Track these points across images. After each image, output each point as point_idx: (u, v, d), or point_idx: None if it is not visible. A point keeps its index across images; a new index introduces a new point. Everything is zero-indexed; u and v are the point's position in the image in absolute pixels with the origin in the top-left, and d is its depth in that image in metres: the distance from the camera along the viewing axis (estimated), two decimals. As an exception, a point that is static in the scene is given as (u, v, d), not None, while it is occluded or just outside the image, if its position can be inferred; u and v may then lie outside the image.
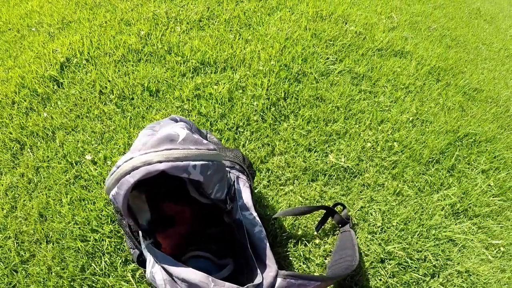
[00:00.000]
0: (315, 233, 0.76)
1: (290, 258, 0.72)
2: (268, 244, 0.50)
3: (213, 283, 0.41)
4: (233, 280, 0.54)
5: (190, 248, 0.58)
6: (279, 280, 0.44)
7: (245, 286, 0.42)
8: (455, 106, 1.15)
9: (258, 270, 0.45)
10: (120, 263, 0.68)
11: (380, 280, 0.72)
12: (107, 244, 0.69)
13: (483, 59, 1.50)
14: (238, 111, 0.95)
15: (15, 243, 0.71)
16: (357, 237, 0.77)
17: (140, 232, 0.49)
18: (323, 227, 0.76)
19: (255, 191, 0.81)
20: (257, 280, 0.44)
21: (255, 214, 0.55)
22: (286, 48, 1.16)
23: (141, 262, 0.50)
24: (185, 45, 1.11)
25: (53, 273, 0.66)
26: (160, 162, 0.39)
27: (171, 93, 0.98)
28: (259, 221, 0.54)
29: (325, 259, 0.73)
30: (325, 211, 0.73)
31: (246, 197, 0.56)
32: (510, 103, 1.26)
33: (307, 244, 0.74)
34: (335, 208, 0.74)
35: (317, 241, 0.75)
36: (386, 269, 0.73)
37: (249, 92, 1.00)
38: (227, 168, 0.60)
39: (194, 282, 0.41)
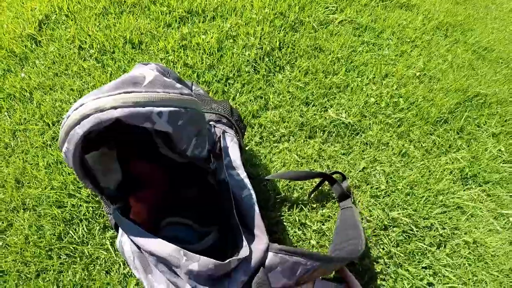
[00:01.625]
0: (311, 196, 0.66)
1: (284, 223, 0.64)
2: (258, 211, 0.40)
3: (185, 257, 0.31)
4: (217, 250, 0.45)
5: (167, 212, 0.47)
6: (270, 254, 0.34)
7: (227, 261, 0.32)
8: (465, 64, 1.02)
9: (245, 241, 0.35)
10: (99, 230, 0.63)
11: (383, 249, 0.63)
12: (85, 210, 0.64)
13: (493, 18, 1.36)
14: (228, 62, 0.84)
15: (-8, 213, 0.66)
16: (359, 201, 0.68)
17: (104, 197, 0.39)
18: (320, 188, 0.67)
19: (246, 148, 0.71)
20: (243, 253, 0.34)
21: (244, 174, 0.44)
22: (281, -5, 1.00)
23: (119, 228, 0.41)
24: (171, -6, 0.96)
25: (30, 243, 0.62)
26: (115, 108, 0.28)
27: (155, 44, 0.86)
28: (249, 183, 0.43)
29: (323, 224, 0.64)
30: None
31: (234, 154, 0.45)
32: (523, 66, 1.13)
33: (303, 208, 0.65)
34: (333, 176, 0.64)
35: (314, 204, 0.66)
36: (389, 237, 0.64)
37: (240, 41, 0.87)
38: (211, 123, 0.48)
39: (162, 255, 0.32)
